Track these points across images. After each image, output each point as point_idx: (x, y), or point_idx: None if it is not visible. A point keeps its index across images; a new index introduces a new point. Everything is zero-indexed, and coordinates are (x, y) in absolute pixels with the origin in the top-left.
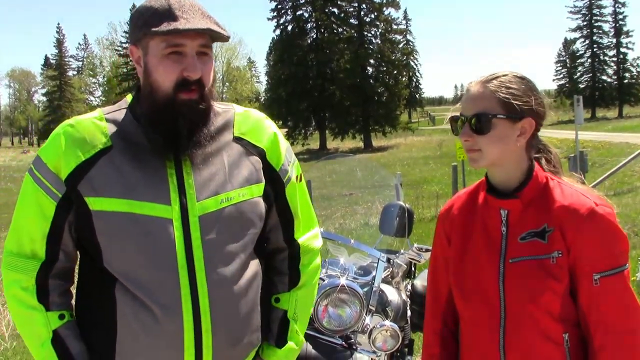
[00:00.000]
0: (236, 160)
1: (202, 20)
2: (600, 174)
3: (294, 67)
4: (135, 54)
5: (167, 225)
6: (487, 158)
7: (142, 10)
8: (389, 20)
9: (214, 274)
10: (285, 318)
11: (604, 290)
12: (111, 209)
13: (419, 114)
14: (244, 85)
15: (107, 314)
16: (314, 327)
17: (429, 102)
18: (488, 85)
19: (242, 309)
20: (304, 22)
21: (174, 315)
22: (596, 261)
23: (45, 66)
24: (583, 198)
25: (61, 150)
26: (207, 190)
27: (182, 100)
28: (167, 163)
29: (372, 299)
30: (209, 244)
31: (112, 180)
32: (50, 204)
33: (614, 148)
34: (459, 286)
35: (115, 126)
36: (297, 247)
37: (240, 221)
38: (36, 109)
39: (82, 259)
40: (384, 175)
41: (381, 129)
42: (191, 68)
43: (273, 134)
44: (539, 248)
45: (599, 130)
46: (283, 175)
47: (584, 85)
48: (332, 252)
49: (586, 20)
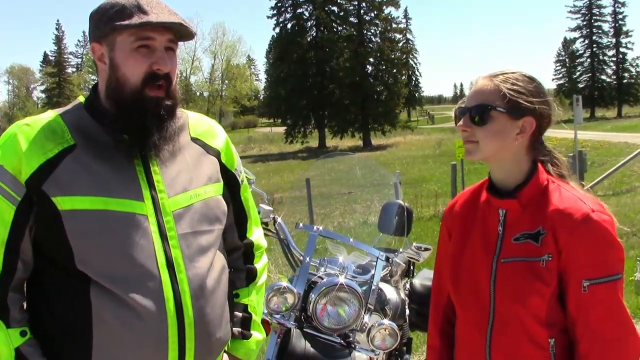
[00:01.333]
0: (197, 159)
1: (171, 16)
2: (599, 174)
3: (294, 65)
4: (98, 51)
5: (143, 221)
6: (483, 151)
7: (107, 7)
8: (388, 19)
9: (192, 268)
10: (247, 311)
11: (593, 298)
12: (84, 207)
13: (418, 112)
14: (244, 83)
15: (79, 320)
16: (312, 325)
17: (429, 101)
18: (494, 80)
19: (217, 302)
20: (304, 20)
21: (158, 311)
22: (587, 268)
23: (45, 63)
24: (580, 203)
25: (20, 151)
26: (176, 186)
27: (150, 97)
28: (135, 161)
29: (371, 297)
30: (184, 238)
31: (81, 179)
32: (9, 209)
33: (613, 148)
34: (454, 283)
35: (75, 125)
36: (250, 245)
37: (208, 216)
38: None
39: (42, 266)
40: (383, 174)
41: (380, 127)
42: (161, 61)
43: (225, 138)
44: (531, 250)
45: (598, 129)
46: (238, 176)
47: (583, 85)
48: (331, 251)
49: (586, 20)
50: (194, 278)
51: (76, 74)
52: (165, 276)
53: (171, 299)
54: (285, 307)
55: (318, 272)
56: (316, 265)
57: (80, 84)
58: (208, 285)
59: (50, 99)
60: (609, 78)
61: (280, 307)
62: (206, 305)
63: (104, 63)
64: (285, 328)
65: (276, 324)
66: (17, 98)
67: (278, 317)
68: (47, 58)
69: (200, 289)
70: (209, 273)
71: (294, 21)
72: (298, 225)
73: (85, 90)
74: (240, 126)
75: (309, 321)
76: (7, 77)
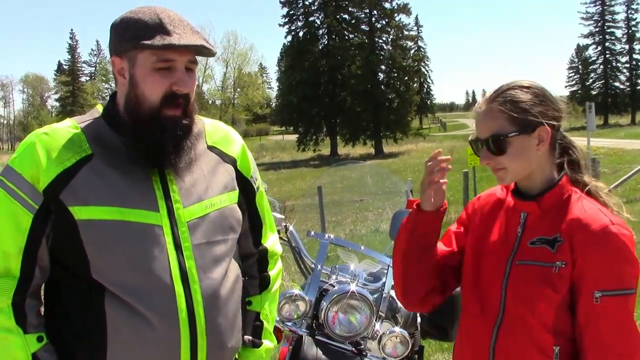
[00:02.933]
0: (213, 168)
1: (193, 36)
2: (612, 181)
3: (305, 73)
4: (119, 64)
5: (158, 231)
6: (514, 173)
7: (130, 22)
8: (400, 27)
9: (206, 279)
10: (259, 319)
11: (604, 310)
12: (100, 217)
13: (430, 120)
14: (255, 91)
15: (94, 328)
16: (324, 333)
17: (440, 109)
18: (493, 105)
19: (230, 311)
20: (316, 28)
21: (171, 321)
22: (600, 279)
23: (59, 72)
24: (600, 215)
25: (39, 160)
26: (192, 196)
27: (168, 116)
28: (151, 170)
29: (382, 305)
30: (198, 248)
31: (98, 189)
32: (27, 216)
33: (627, 155)
34: (468, 277)
35: (93, 135)
36: (265, 251)
37: (223, 226)
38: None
39: (59, 273)
40: (395, 182)
41: (392, 135)
42: (181, 83)
43: (242, 145)
44: (545, 255)
45: (611, 137)
46: (254, 183)
47: (597, 92)
48: (342, 259)
49: (598, 27)
50: (207, 289)
51: (90, 82)
52: (179, 287)
53: (184, 309)
54: (297, 315)
55: (329, 279)
56: (328, 273)
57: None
58: (221, 295)
59: (64, 108)
60: (622, 85)
61: (292, 315)
62: (219, 315)
63: (124, 77)
64: (297, 335)
65: (288, 331)
66: (32, 106)
67: (290, 325)
68: (61, 67)
69: (213, 299)
70: (223, 283)
71: (306, 29)
72: (310, 233)
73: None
74: (252, 134)
75: (320, 329)
76: (22, 85)
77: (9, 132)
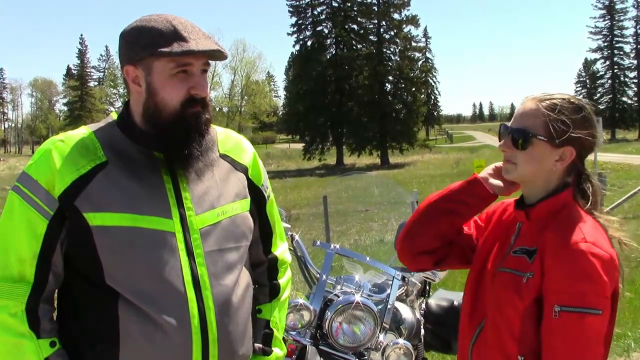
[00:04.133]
0: (225, 176)
1: (207, 41)
2: (619, 197)
3: (313, 82)
4: (133, 73)
5: (171, 238)
6: (519, 173)
7: (143, 31)
8: (408, 38)
9: (218, 286)
10: (269, 327)
11: (561, 325)
12: (114, 223)
13: (437, 131)
14: (263, 99)
15: (107, 334)
16: (328, 343)
17: (447, 120)
18: (540, 105)
19: (241, 319)
20: (324, 37)
21: (183, 328)
22: (562, 293)
23: (67, 76)
24: (577, 232)
25: (54, 166)
26: (204, 203)
27: (191, 112)
28: (165, 177)
29: (386, 316)
30: (210, 256)
31: (112, 195)
32: (42, 222)
33: (634, 170)
34: (471, 279)
35: (108, 142)
36: (274, 260)
37: (235, 234)
38: (57, 119)
39: (72, 279)
40: (400, 193)
41: (398, 145)
42: (199, 87)
43: (253, 154)
44: (521, 265)
45: (618, 151)
46: (265, 191)
47: (604, 106)
48: (347, 269)
49: (607, 41)
50: (219, 295)
51: (98, 87)
52: (191, 294)
53: (196, 315)
54: (301, 324)
55: (334, 290)
56: (332, 283)
57: (101, 97)
58: (233, 303)
59: (72, 112)
60: (630, 100)
61: (296, 324)
62: (230, 322)
63: (139, 85)
64: (301, 345)
65: (292, 340)
66: (40, 110)
67: (294, 334)
68: (70, 71)
69: (224, 306)
70: (234, 290)
71: (314, 39)
72: (315, 243)
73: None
74: (259, 142)
75: (324, 338)
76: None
77: (17, 135)
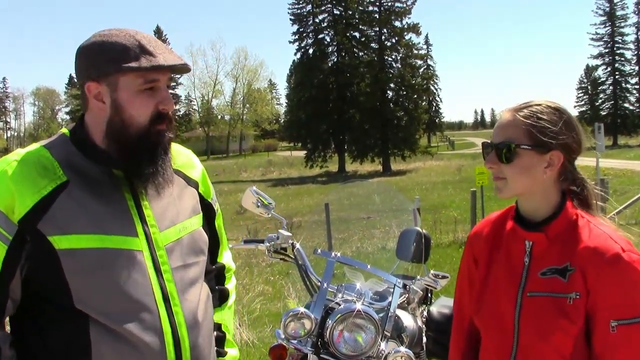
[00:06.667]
0: (180, 192)
1: (173, 55)
2: (621, 203)
3: (314, 90)
4: (95, 89)
5: (139, 256)
6: (512, 188)
7: (107, 46)
8: (409, 45)
9: (185, 301)
10: (221, 330)
11: (621, 339)
12: (82, 245)
13: (439, 138)
14: (264, 107)
15: (78, 356)
16: (329, 352)
17: (449, 127)
18: (518, 114)
19: (207, 331)
20: (325, 45)
21: (157, 345)
22: (615, 308)
23: (70, 85)
24: (610, 242)
25: (12, 188)
26: (165, 220)
27: (157, 130)
28: (126, 195)
29: (388, 324)
30: (177, 271)
31: (77, 217)
32: (0, 248)
33: (636, 176)
34: (478, 312)
35: (65, 161)
36: (222, 267)
37: (194, 249)
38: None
39: (34, 302)
40: (402, 200)
41: (400, 152)
42: (167, 102)
43: (202, 169)
44: (557, 286)
45: (620, 157)
46: (214, 205)
47: (606, 113)
48: (348, 277)
49: (608, 48)
50: (187, 310)
51: None
52: (162, 310)
53: (169, 332)
54: (302, 333)
55: (335, 298)
56: (334, 291)
57: None
58: (199, 316)
59: (74, 121)
60: (631, 106)
61: (297, 333)
62: (199, 335)
63: (102, 102)
64: (302, 354)
65: (293, 349)
66: (42, 119)
67: (295, 343)
68: (73, 80)
69: (193, 320)
70: (199, 304)
71: (316, 46)
72: (316, 251)
73: None
74: (261, 150)
75: (325, 347)
76: (33, 98)
77: (19, 144)
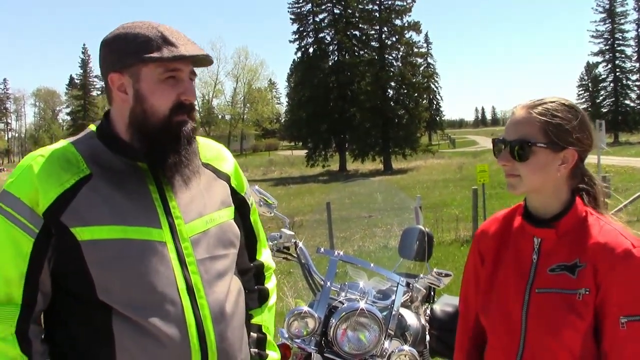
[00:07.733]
0: (209, 184)
1: (194, 47)
2: (623, 199)
3: (315, 89)
4: (118, 81)
5: (163, 248)
6: (526, 185)
7: (129, 38)
8: (410, 44)
9: (212, 293)
10: (261, 332)
11: (630, 336)
12: (104, 237)
13: (440, 136)
14: (265, 107)
15: (102, 350)
16: (333, 350)
17: (450, 125)
18: (533, 111)
19: (236, 325)
20: (326, 44)
21: (182, 338)
22: (625, 304)
23: (70, 86)
24: (621, 238)
25: (37, 182)
26: (192, 211)
27: (178, 120)
28: (150, 187)
29: (391, 323)
30: (202, 263)
31: (100, 208)
32: (27, 241)
33: (637, 173)
34: (485, 310)
35: (89, 154)
36: (260, 266)
37: (223, 241)
38: (60, 128)
39: (61, 297)
40: (403, 198)
41: (401, 151)
42: (189, 92)
43: (234, 162)
44: (567, 282)
45: (622, 154)
46: (248, 200)
47: (607, 110)
48: (351, 275)
49: (608, 45)
50: (214, 303)
51: (101, 96)
52: (186, 302)
53: (193, 324)
54: (306, 332)
55: (339, 296)
56: (337, 290)
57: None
58: (227, 309)
59: (75, 121)
60: (632, 102)
61: (301, 332)
62: (227, 329)
63: (125, 93)
64: (306, 353)
65: (297, 348)
66: (43, 120)
67: (299, 342)
68: (73, 81)
69: (220, 313)
70: (228, 297)
71: (316, 45)
72: (319, 249)
73: None
74: (262, 149)
75: (329, 346)
76: (34, 99)
77: (20, 145)
